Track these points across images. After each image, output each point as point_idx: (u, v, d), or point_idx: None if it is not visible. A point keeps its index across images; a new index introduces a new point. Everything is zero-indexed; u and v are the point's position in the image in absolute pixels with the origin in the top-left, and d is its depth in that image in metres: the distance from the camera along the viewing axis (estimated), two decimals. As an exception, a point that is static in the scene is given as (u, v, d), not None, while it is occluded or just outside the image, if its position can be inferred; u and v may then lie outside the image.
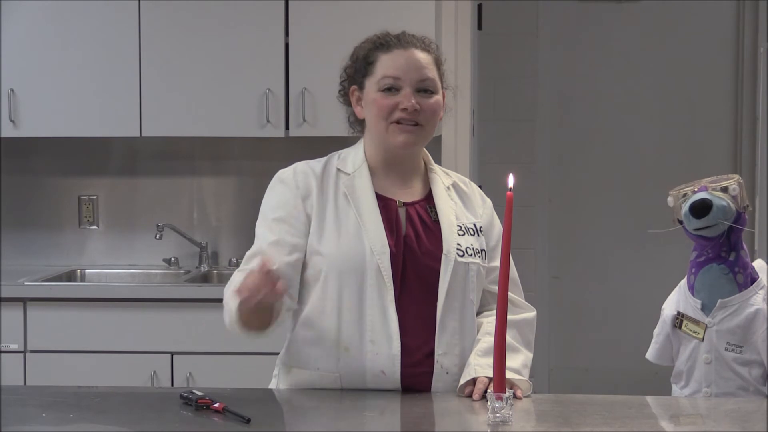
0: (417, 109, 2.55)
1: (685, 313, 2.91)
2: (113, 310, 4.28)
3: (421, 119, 2.57)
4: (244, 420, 2.29)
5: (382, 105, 2.56)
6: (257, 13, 4.47)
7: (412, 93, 2.55)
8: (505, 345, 2.25)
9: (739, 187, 2.87)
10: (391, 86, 2.56)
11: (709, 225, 2.82)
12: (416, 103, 2.55)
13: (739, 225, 2.85)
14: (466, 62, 4.69)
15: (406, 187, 2.64)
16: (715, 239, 2.85)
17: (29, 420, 2.34)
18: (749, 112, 5.96)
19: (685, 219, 2.85)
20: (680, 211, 2.88)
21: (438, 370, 2.54)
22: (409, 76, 2.56)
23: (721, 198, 2.84)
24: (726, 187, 2.87)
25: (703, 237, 2.85)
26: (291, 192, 2.60)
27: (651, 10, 6.07)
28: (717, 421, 2.44)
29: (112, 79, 4.51)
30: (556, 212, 6.17)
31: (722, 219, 2.81)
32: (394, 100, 2.56)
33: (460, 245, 2.59)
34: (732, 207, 2.84)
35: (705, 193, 2.84)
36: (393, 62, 2.56)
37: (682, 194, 2.91)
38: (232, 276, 2.56)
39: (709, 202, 2.81)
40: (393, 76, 2.56)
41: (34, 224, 4.88)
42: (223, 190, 4.87)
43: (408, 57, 2.57)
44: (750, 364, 2.85)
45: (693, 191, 2.88)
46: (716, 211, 2.81)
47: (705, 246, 2.87)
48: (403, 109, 2.54)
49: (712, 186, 2.88)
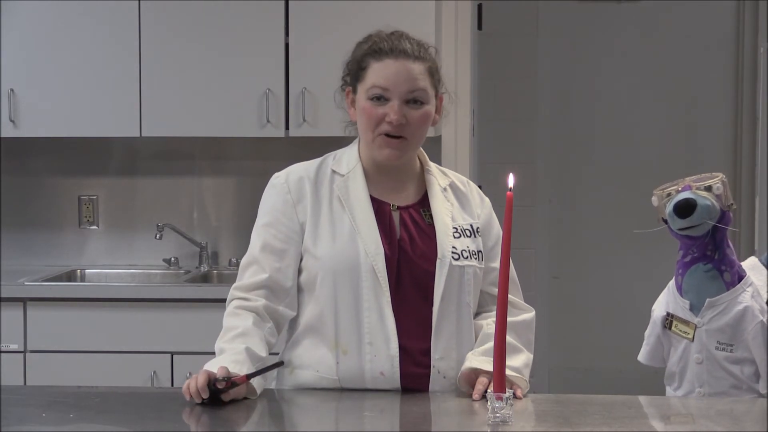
0: (403, 123, 2.54)
1: (674, 314, 2.91)
2: (113, 310, 4.28)
3: (407, 132, 2.56)
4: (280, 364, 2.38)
5: (370, 115, 2.55)
6: (257, 13, 4.47)
7: (399, 105, 2.53)
8: (505, 345, 2.24)
9: (723, 186, 2.87)
10: (379, 96, 2.55)
11: (693, 225, 2.81)
12: (402, 116, 2.53)
13: (723, 224, 2.85)
14: (466, 62, 4.69)
15: (400, 190, 2.64)
16: (700, 239, 2.84)
17: (29, 420, 2.34)
18: (749, 112, 5.96)
19: (670, 219, 2.85)
20: (664, 210, 2.88)
21: (435, 374, 2.54)
22: (398, 89, 2.54)
23: (705, 197, 2.83)
24: (710, 186, 2.86)
25: (688, 236, 2.85)
26: (281, 197, 2.61)
27: (651, 10, 6.07)
28: (714, 421, 2.44)
29: (112, 79, 4.51)
30: (556, 212, 6.17)
31: (707, 218, 2.81)
32: (382, 110, 2.54)
33: (455, 248, 2.58)
34: (716, 206, 2.83)
35: (689, 193, 2.84)
36: (383, 72, 2.54)
37: (666, 194, 2.90)
38: (231, 292, 2.60)
39: (693, 201, 2.81)
40: (381, 86, 2.54)
41: (34, 224, 4.89)
42: (223, 190, 4.87)
43: (398, 68, 2.54)
44: (742, 362, 2.85)
45: (677, 191, 2.88)
46: (700, 211, 2.80)
47: (690, 245, 2.87)
48: (388, 122, 2.54)
49: (696, 185, 2.87)
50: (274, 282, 2.57)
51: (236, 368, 2.41)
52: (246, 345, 2.46)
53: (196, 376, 2.38)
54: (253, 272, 2.59)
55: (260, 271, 2.58)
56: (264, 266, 2.57)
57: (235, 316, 2.55)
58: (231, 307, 2.58)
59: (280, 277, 2.57)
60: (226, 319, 2.57)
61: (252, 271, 2.59)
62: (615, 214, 6.09)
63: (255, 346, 2.48)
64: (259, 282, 2.57)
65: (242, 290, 2.59)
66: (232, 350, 2.46)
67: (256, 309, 2.55)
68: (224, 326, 2.55)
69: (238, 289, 2.60)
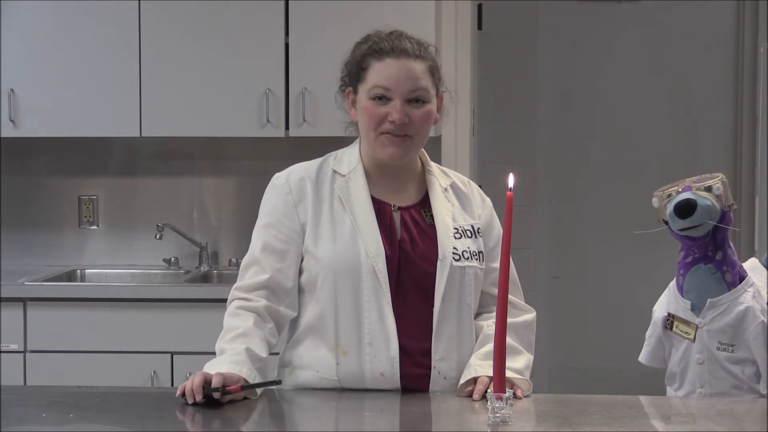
0: (405, 122, 2.54)
1: (675, 314, 2.91)
2: (113, 310, 4.28)
3: (410, 131, 2.56)
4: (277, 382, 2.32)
5: (372, 114, 2.55)
6: (257, 13, 4.47)
7: (401, 104, 2.54)
8: (505, 346, 2.24)
9: (723, 186, 2.87)
10: (381, 95, 2.55)
11: (694, 225, 2.82)
12: (405, 116, 2.54)
13: (724, 224, 2.85)
14: (466, 62, 4.69)
15: (401, 191, 2.64)
16: (701, 239, 2.84)
17: (29, 420, 2.34)
18: (749, 112, 5.96)
19: (670, 219, 2.85)
20: (665, 211, 2.88)
21: (435, 375, 2.54)
22: (400, 88, 2.54)
23: (705, 198, 2.83)
24: (710, 186, 2.86)
25: (688, 237, 2.85)
26: (282, 197, 2.60)
27: (651, 10, 6.07)
28: (714, 420, 2.44)
29: (111, 79, 4.51)
30: (556, 212, 6.17)
31: (707, 219, 2.81)
32: (384, 110, 2.54)
33: (456, 249, 2.58)
34: (716, 206, 2.84)
35: (689, 193, 2.84)
36: (384, 72, 2.54)
37: (667, 195, 2.91)
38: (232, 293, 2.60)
39: (693, 202, 2.81)
40: (383, 86, 2.54)
41: (34, 224, 4.89)
42: (223, 190, 4.87)
43: (399, 67, 2.54)
44: (743, 363, 2.85)
45: (677, 191, 2.88)
46: (701, 211, 2.80)
47: (691, 246, 2.87)
48: (391, 121, 2.54)
49: (696, 186, 2.88)
50: (275, 282, 2.57)
51: (236, 369, 2.41)
52: (246, 345, 2.46)
53: (193, 377, 2.38)
54: (254, 273, 2.59)
55: (261, 272, 2.58)
56: (265, 267, 2.58)
57: (236, 316, 2.55)
58: (232, 307, 2.58)
59: (281, 277, 2.57)
60: (226, 319, 2.57)
61: (253, 272, 2.59)
62: (615, 214, 6.09)
63: (255, 346, 2.48)
64: (260, 282, 2.57)
65: (243, 291, 2.59)
66: (232, 350, 2.46)
67: (257, 309, 2.55)
68: (225, 326, 2.55)
69: (238, 290, 2.60)
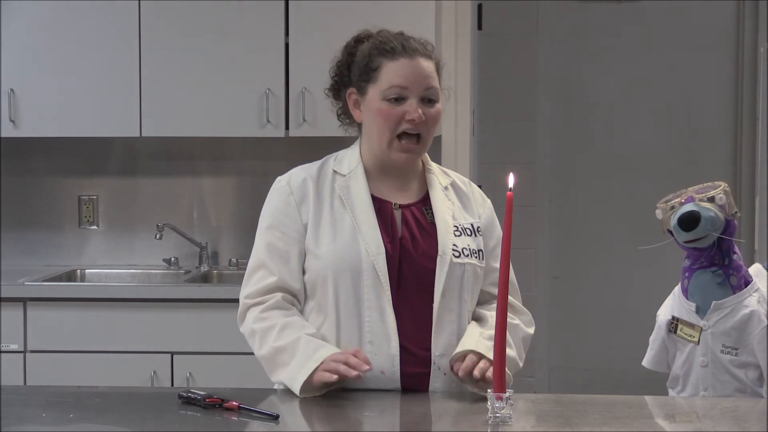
0: (423, 120, 2.55)
1: (679, 318, 2.91)
2: (113, 310, 4.28)
3: (424, 130, 2.57)
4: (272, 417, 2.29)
5: (389, 115, 2.55)
6: (257, 13, 4.47)
7: (417, 103, 2.55)
8: (505, 345, 2.25)
9: (725, 196, 2.86)
10: (398, 96, 2.55)
11: (698, 237, 2.82)
12: (422, 114, 2.55)
13: (728, 232, 2.85)
14: (466, 62, 4.69)
15: (402, 189, 2.64)
16: (707, 249, 2.84)
17: (29, 420, 2.34)
18: (749, 112, 5.96)
19: (675, 232, 2.85)
20: (669, 223, 2.88)
21: (435, 371, 2.55)
22: (416, 87, 2.55)
23: (709, 209, 2.83)
24: (713, 196, 2.86)
25: (695, 248, 2.85)
26: (283, 199, 2.60)
27: (651, 10, 6.07)
28: (716, 420, 2.44)
29: (111, 79, 4.51)
30: (556, 212, 6.17)
31: (711, 230, 2.81)
32: (401, 109, 2.54)
33: (456, 246, 2.58)
34: (720, 216, 2.83)
35: (692, 205, 2.83)
36: (400, 71, 2.55)
37: (670, 206, 2.90)
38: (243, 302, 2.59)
39: (697, 214, 2.81)
40: (401, 86, 2.55)
41: (34, 224, 4.89)
42: (223, 190, 4.87)
43: (414, 66, 2.55)
44: (746, 366, 2.85)
45: (680, 203, 2.88)
46: (705, 223, 2.80)
47: (698, 257, 2.87)
48: (409, 120, 2.54)
49: (699, 196, 2.87)
50: (284, 283, 2.56)
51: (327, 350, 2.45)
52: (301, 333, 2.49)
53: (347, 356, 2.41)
54: (261, 276, 2.58)
55: (268, 275, 2.57)
56: (272, 269, 2.57)
57: (263, 320, 2.54)
58: (252, 316, 2.56)
59: (289, 279, 2.57)
60: (254, 326, 2.54)
61: (260, 276, 2.58)
62: (615, 214, 6.10)
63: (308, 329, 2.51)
64: (270, 286, 2.56)
65: (254, 296, 2.58)
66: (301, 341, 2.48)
67: (277, 304, 2.55)
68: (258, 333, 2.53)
69: (249, 297, 2.58)
